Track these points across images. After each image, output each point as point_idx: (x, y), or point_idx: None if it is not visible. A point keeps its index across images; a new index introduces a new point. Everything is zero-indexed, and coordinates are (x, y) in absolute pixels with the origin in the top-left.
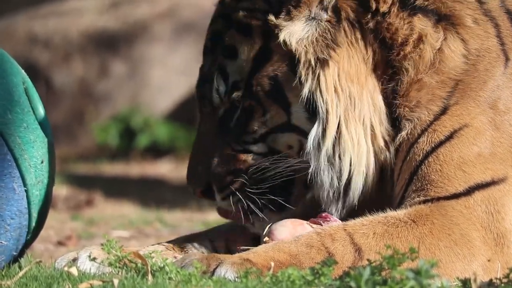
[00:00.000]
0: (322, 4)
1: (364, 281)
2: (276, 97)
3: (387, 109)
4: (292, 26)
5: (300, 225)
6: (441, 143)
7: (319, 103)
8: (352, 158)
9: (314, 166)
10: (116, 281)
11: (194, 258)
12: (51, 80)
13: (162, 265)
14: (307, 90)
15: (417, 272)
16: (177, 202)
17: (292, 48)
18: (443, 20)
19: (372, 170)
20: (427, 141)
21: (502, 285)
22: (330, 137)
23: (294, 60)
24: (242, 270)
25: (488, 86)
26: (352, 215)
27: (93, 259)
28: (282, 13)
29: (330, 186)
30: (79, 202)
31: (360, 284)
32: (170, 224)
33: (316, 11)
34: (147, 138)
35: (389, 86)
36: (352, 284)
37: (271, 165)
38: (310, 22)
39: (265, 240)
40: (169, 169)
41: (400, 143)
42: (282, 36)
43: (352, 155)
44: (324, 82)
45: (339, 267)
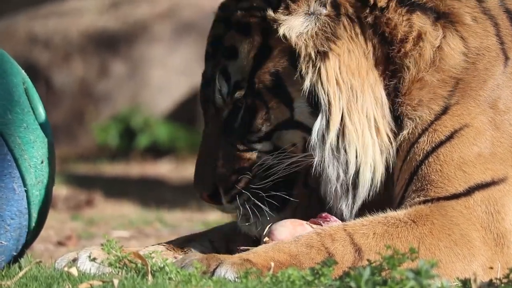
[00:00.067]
0: None
1: (364, 281)
2: (278, 93)
3: (390, 106)
4: (291, 21)
5: (300, 226)
6: (442, 143)
7: (321, 95)
8: (358, 150)
9: (319, 159)
10: (116, 281)
11: (194, 258)
12: (51, 80)
13: (162, 265)
14: (308, 83)
15: (417, 272)
16: (177, 202)
17: (292, 43)
18: (442, 18)
19: (380, 164)
20: (428, 141)
21: (502, 285)
22: (334, 129)
23: (295, 55)
24: (242, 270)
25: (488, 86)
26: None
27: (93, 259)
28: (281, 8)
29: (337, 180)
30: (79, 202)
31: (360, 284)
32: (170, 224)
33: (315, 6)
34: (147, 138)
35: (391, 84)
36: (352, 284)
37: (276, 162)
38: (309, 17)
39: (265, 241)
40: (169, 169)
41: (401, 143)
42: (282, 31)
43: (358, 147)
44: (325, 74)
45: (339, 268)
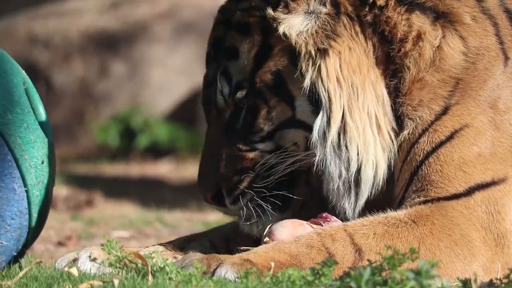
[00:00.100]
0: None
1: (365, 282)
2: (280, 92)
3: (392, 105)
4: (291, 19)
5: (300, 226)
6: (442, 144)
7: (321, 92)
8: (359, 147)
9: (320, 157)
10: (117, 282)
11: (195, 259)
12: (51, 80)
13: (163, 266)
14: (309, 81)
15: (418, 273)
16: (177, 202)
17: (292, 41)
18: (441, 18)
19: (382, 161)
20: (428, 141)
21: (502, 286)
22: (335, 126)
23: (295, 53)
24: (243, 271)
25: (488, 85)
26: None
27: (94, 260)
28: (280, 6)
29: (339, 177)
30: (79, 202)
31: (361, 285)
32: (170, 225)
33: (315, 5)
34: (147, 138)
35: (392, 83)
36: (353, 285)
37: (278, 161)
38: (309, 16)
39: (266, 241)
40: (169, 169)
41: (401, 143)
42: (282, 29)
43: (359, 144)
44: (325, 72)
45: (340, 268)
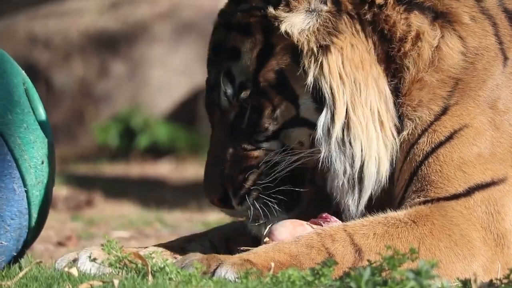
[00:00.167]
0: None
1: (364, 282)
2: (283, 90)
3: (394, 101)
4: (293, 18)
5: (300, 226)
6: (441, 144)
7: (325, 89)
8: (363, 143)
9: (325, 154)
10: (117, 282)
11: (194, 259)
12: (51, 80)
13: (162, 266)
14: (312, 78)
15: (417, 273)
16: (177, 203)
17: (294, 39)
18: (440, 18)
19: (384, 158)
20: (427, 142)
21: (502, 286)
22: (339, 122)
23: (297, 51)
24: (243, 271)
25: (488, 86)
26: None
27: (93, 260)
28: (281, 5)
29: (344, 174)
30: (79, 203)
31: (361, 285)
32: (170, 225)
33: (316, 3)
34: (147, 139)
35: (392, 83)
36: (352, 285)
37: (281, 158)
38: (310, 14)
39: (266, 241)
40: (169, 170)
41: (401, 143)
42: (284, 27)
43: (362, 140)
44: (327, 68)
45: (339, 268)
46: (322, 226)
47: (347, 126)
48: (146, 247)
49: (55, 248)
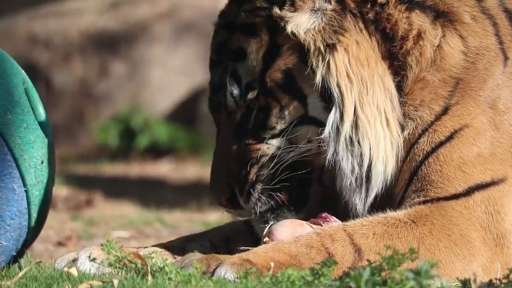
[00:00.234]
0: None
1: (364, 282)
2: (291, 90)
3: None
4: (298, 18)
5: (300, 226)
6: (441, 144)
7: (333, 88)
8: (371, 142)
9: (332, 152)
10: (116, 282)
11: (194, 259)
12: (51, 80)
13: (162, 266)
14: (320, 77)
15: (417, 273)
16: (177, 203)
17: (301, 39)
18: (441, 17)
19: (391, 157)
20: (428, 142)
21: (502, 286)
22: (349, 121)
23: (304, 51)
24: (242, 271)
25: (488, 86)
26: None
27: (93, 260)
28: (286, 5)
29: (352, 173)
30: (79, 203)
31: (360, 285)
32: (170, 225)
33: (320, 2)
34: (147, 138)
35: (395, 81)
36: (352, 285)
37: (287, 152)
38: (315, 13)
39: (265, 241)
40: (169, 170)
41: (402, 143)
42: (290, 28)
43: (371, 139)
44: (335, 67)
45: (339, 268)
46: (322, 226)
47: (356, 125)
48: (146, 247)
49: (55, 248)
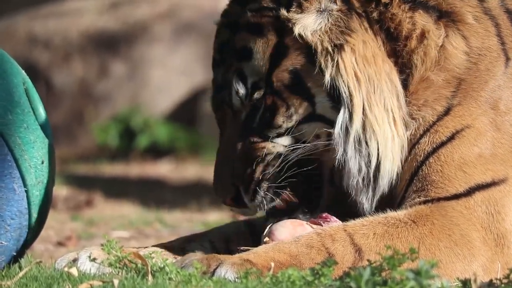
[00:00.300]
0: None
1: (364, 282)
2: (298, 90)
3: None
4: (305, 19)
5: (300, 226)
6: (443, 144)
7: (342, 88)
8: (379, 142)
9: (342, 153)
10: (116, 282)
11: (194, 259)
12: (51, 81)
13: (162, 266)
14: (329, 77)
15: (417, 273)
16: (177, 203)
17: (308, 40)
18: (444, 17)
19: (398, 156)
20: (429, 142)
21: (502, 286)
22: (358, 121)
23: (311, 51)
24: (242, 271)
25: (489, 86)
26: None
27: (93, 260)
28: (293, 7)
29: (359, 173)
30: (79, 203)
31: (360, 285)
32: (170, 225)
33: (326, 3)
34: (147, 139)
35: (400, 79)
36: (352, 285)
37: (289, 150)
38: (321, 14)
39: (266, 241)
40: (169, 170)
41: (406, 143)
42: (297, 30)
43: (379, 139)
44: (343, 67)
45: (339, 268)
46: (322, 226)
47: (364, 125)
48: (146, 247)
49: (55, 248)
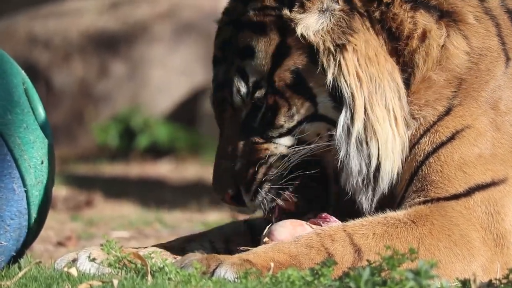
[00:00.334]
0: None
1: (364, 282)
2: (300, 89)
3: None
4: (307, 19)
5: (300, 226)
6: (443, 144)
7: (344, 88)
8: (380, 142)
9: (344, 153)
10: (116, 282)
11: (194, 259)
12: (51, 81)
13: (162, 266)
14: (331, 77)
15: (417, 273)
16: (177, 203)
17: (311, 40)
18: (445, 17)
19: (398, 156)
20: (429, 142)
21: (502, 286)
22: (360, 121)
23: (313, 51)
24: (242, 271)
25: (490, 86)
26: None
27: (93, 260)
28: (295, 6)
29: (359, 173)
30: (79, 203)
31: (360, 285)
32: (170, 225)
33: (328, 3)
34: (147, 139)
35: (402, 78)
36: (352, 285)
37: (291, 151)
38: (324, 14)
39: (265, 241)
40: (169, 170)
41: (407, 143)
42: (299, 30)
43: (380, 139)
44: (346, 67)
45: (339, 268)
46: (322, 226)
47: (365, 126)
48: (146, 247)
49: (55, 248)
